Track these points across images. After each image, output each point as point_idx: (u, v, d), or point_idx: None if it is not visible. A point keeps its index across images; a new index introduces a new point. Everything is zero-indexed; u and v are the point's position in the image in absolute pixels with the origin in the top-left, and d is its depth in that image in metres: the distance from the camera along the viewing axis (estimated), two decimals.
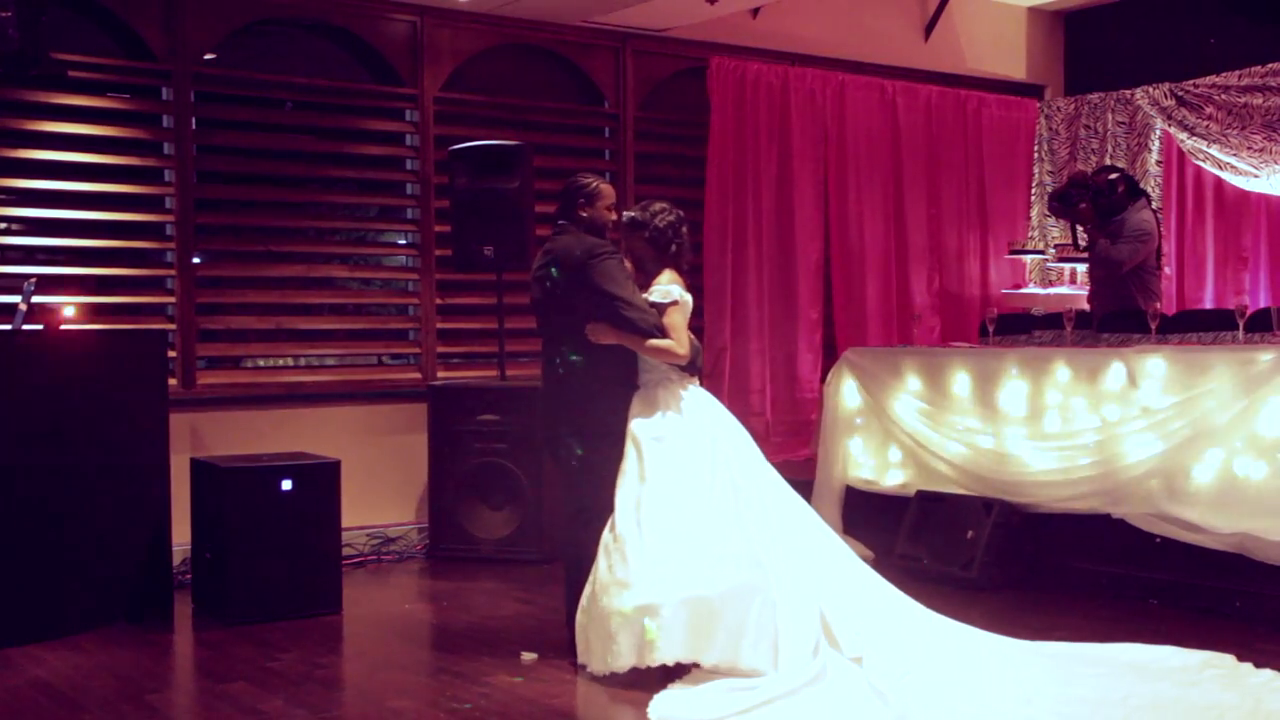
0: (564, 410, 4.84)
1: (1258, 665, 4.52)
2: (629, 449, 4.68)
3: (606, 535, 4.59)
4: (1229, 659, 4.57)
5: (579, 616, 4.64)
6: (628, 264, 4.91)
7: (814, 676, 4.28)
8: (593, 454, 4.77)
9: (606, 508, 4.64)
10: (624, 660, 4.41)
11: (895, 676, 4.28)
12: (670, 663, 4.37)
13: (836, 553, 4.80)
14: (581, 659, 4.61)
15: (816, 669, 4.32)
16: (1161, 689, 4.25)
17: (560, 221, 4.95)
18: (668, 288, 4.82)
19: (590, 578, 4.62)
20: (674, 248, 4.91)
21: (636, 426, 4.71)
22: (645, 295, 4.80)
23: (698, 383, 4.89)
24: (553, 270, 4.83)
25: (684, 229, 4.95)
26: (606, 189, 4.99)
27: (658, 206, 4.93)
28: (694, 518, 4.53)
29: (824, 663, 4.35)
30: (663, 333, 4.73)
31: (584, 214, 4.91)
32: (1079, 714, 4.04)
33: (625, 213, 4.96)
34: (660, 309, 4.76)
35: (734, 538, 4.50)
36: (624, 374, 4.83)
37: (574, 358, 4.80)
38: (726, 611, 4.38)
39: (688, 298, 4.86)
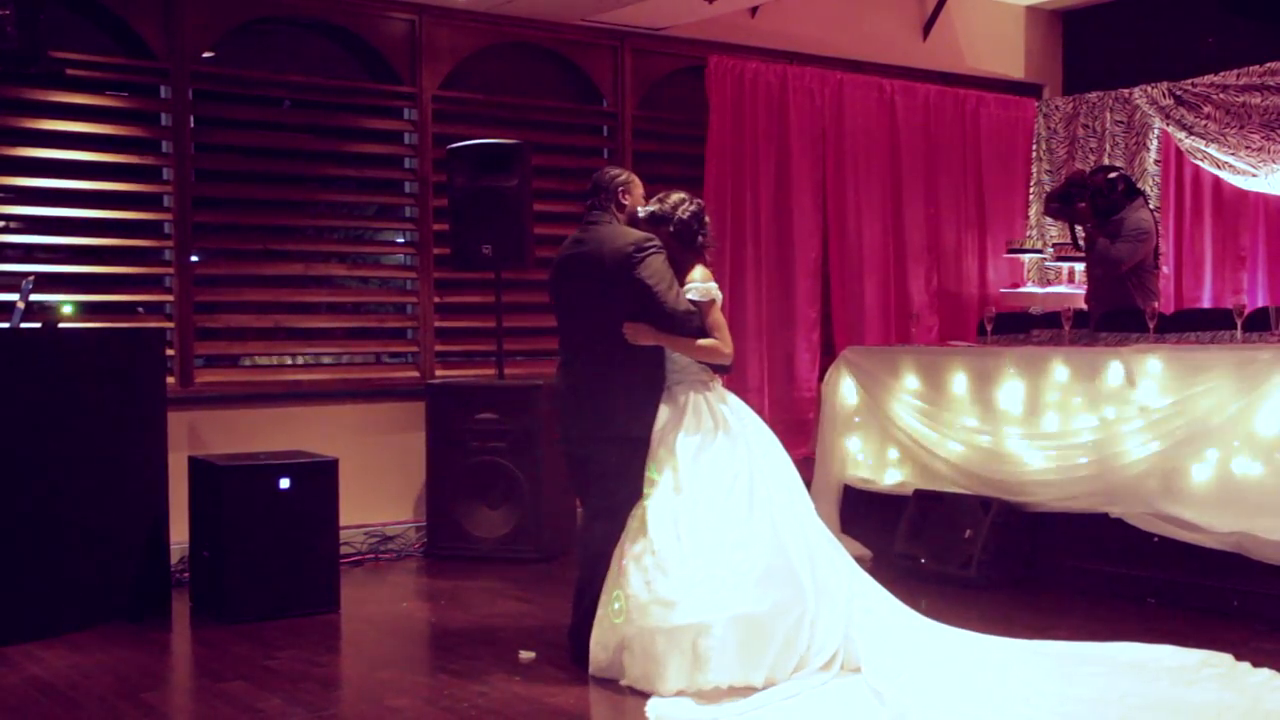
0: (594, 414, 4.60)
1: (1255, 664, 4.52)
2: (663, 459, 4.47)
3: (636, 549, 4.38)
4: (1227, 658, 4.58)
5: (598, 622, 4.47)
6: None
7: (819, 682, 4.27)
8: (626, 461, 4.54)
9: (624, 509, 4.51)
10: (672, 684, 4.19)
11: (892, 677, 4.27)
12: (724, 685, 4.19)
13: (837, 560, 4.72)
14: (596, 673, 4.47)
15: (824, 678, 4.30)
16: (1159, 688, 4.26)
17: (594, 211, 4.73)
18: (706, 285, 4.57)
19: (610, 593, 4.44)
20: (700, 239, 4.66)
21: (669, 436, 4.49)
22: (683, 292, 4.55)
23: (721, 383, 4.71)
24: (593, 261, 4.60)
25: (706, 218, 4.70)
26: (638, 179, 4.82)
27: (676, 197, 4.68)
28: (734, 532, 4.35)
29: (831, 674, 4.34)
30: (705, 333, 4.55)
31: (625, 202, 4.73)
32: (1077, 713, 4.04)
33: (642, 207, 4.73)
34: (702, 308, 4.54)
35: (772, 552, 4.37)
36: (656, 375, 4.61)
37: (605, 356, 4.59)
38: (776, 629, 4.26)
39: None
